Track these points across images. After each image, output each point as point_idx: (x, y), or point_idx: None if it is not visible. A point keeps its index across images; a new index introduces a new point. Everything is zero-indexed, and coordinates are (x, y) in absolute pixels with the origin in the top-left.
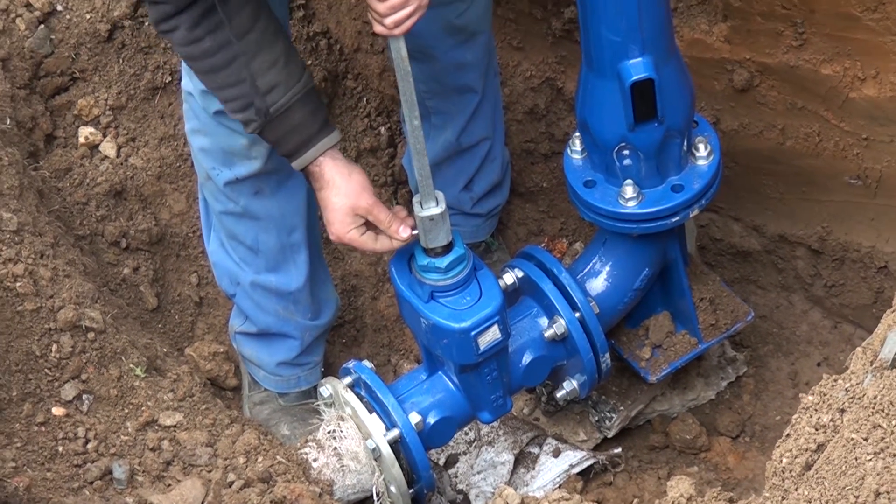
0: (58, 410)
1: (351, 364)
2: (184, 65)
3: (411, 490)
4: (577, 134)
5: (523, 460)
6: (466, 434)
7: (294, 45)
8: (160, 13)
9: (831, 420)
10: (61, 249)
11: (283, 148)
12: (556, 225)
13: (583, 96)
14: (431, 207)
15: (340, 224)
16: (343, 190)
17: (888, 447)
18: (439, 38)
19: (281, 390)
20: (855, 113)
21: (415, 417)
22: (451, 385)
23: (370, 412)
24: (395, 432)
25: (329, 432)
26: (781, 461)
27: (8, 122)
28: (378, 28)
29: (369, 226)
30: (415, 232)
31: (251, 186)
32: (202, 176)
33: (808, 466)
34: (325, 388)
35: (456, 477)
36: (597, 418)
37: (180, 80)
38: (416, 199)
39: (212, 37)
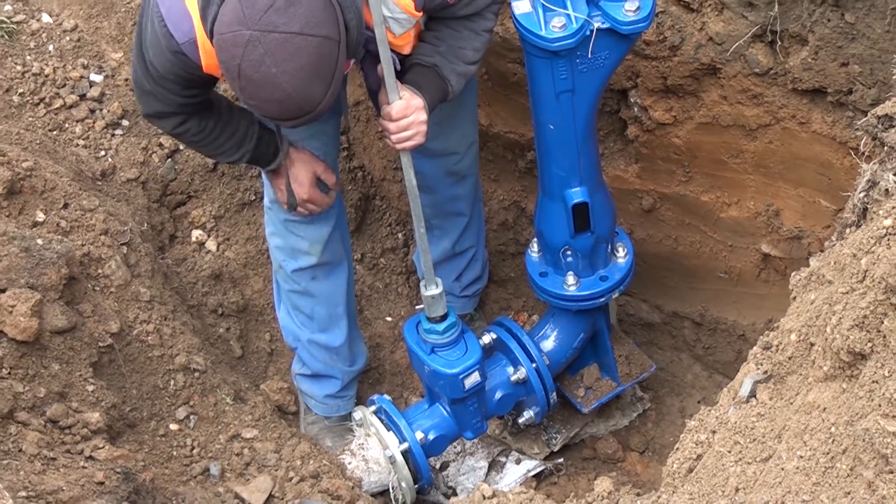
0: (173, 426)
1: (375, 397)
2: (266, 186)
3: (416, 485)
4: (535, 239)
5: (494, 466)
6: (455, 447)
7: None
8: (172, 123)
9: (706, 438)
10: (178, 314)
11: (267, 156)
12: (520, 303)
13: (539, 213)
14: (433, 289)
15: (311, 189)
16: (306, 163)
17: (744, 457)
18: (440, 179)
19: (326, 414)
20: (723, 228)
21: (419, 435)
22: (445, 413)
23: (388, 430)
24: (405, 445)
25: (359, 444)
26: (672, 466)
27: (145, 225)
28: (389, 142)
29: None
30: (419, 307)
31: (310, 274)
32: (276, 265)
33: (690, 470)
34: (357, 414)
35: (447, 477)
36: (546, 437)
37: (261, 198)
38: (422, 284)
39: (211, 121)
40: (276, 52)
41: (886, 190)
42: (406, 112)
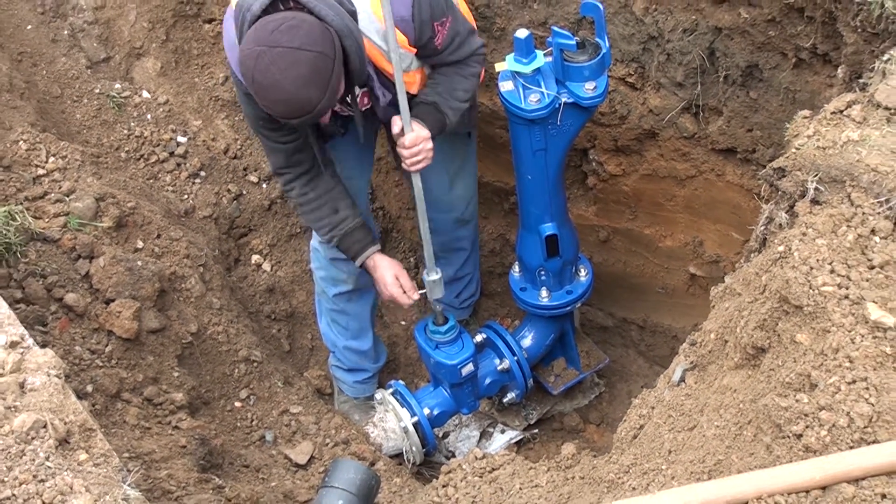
0: (237, 404)
1: (392, 382)
2: (314, 235)
3: (424, 450)
4: (517, 263)
5: (484, 435)
6: (454, 420)
7: (350, 197)
8: (284, 180)
9: (647, 412)
10: (241, 319)
11: (350, 252)
12: (505, 311)
13: (519, 243)
14: (432, 275)
15: (392, 286)
16: (388, 269)
17: (675, 427)
18: (449, 224)
19: (355, 395)
20: (661, 255)
21: (426, 411)
22: (446, 394)
23: (402, 407)
24: (415, 418)
25: (380, 418)
26: (621, 434)
27: (216, 251)
28: (403, 164)
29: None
30: (422, 292)
31: (346, 297)
32: (319, 290)
33: (634, 437)
34: (378, 394)
35: (448, 443)
36: (525, 413)
37: (304, 230)
38: (424, 271)
39: (313, 193)
40: (280, 61)
41: (780, 224)
42: (417, 141)
